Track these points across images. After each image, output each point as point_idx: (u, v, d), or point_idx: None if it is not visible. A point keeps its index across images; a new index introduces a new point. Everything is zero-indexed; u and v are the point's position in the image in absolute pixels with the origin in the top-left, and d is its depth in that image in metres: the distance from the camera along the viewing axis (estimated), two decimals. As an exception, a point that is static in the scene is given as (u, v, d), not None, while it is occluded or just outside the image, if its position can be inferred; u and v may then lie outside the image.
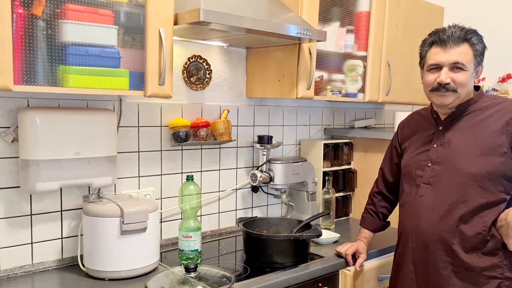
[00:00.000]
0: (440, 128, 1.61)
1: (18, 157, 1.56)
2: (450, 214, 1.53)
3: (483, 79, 2.81)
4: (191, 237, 1.73)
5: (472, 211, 1.50)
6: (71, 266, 1.70)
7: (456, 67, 1.51)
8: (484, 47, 1.55)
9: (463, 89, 1.52)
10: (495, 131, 1.50)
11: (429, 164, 1.60)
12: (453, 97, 1.53)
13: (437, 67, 1.54)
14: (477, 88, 1.61)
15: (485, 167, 1.49)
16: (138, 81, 1.52)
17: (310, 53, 1.99)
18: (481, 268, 1.50)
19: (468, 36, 1.52)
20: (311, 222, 1.97)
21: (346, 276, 1.86)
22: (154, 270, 1.65)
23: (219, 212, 2.19)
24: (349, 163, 2.55)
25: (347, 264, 1.86)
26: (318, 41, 1.91)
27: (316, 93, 2.09)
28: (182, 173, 2.02)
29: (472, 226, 1.50)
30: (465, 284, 1.52)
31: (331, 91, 2.18)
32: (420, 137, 1.68)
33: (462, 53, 1.51)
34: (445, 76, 1.51)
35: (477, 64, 1.54)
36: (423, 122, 1.71)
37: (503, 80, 2.74)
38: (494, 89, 2.76)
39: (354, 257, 1.87)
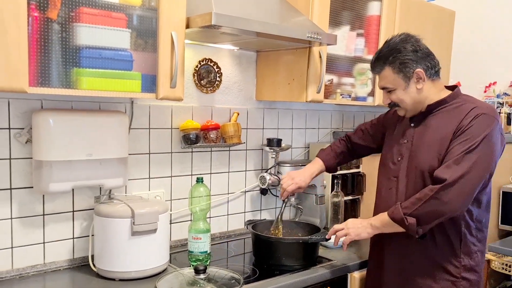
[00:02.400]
0: (412, 125, 1.65)
1: (31, 158, 1.59)
2: None
3: (495, 83, 2.79)
4: (200, 238, 1.75)
5: None
6: (82, 266, 1.72)
7: (387, 90, 1.61)
8: (405, 55, 1.52)
9: (403, 103, 1.59)
10: (449, 132, 1.52)
11: (399, 159, 1.65)
12: (402, 110, 1.63)
13: None
14: (454, 87, 1.62)
15: (438, 166, 1.51)
16: (150, 83, 1.53)
17: (320, 56, 2.00)
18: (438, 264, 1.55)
19: (382, 60, 1.57)
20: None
21: (354, 279, 1.86)
22: (163, 271, 1.67)
23: (228, 214, 2.20)
24: (358, 167, 2.54)
25: (356, 267, 1.86)
26: (328, 44, 1.92)
27: (326, 97, 2.10)
28: (192, 175, 2.04)
29: None
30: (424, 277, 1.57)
31: (341, 95, 2.18)
32: (398, 132, 1.71)
33: (384, 77, 1.59)
34: (384, 99, 1.65)
35: (405, 75, 1.54)
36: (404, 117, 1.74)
37: (514, 84, 2.72)
38: (505, 94, 2.74)
39: None
